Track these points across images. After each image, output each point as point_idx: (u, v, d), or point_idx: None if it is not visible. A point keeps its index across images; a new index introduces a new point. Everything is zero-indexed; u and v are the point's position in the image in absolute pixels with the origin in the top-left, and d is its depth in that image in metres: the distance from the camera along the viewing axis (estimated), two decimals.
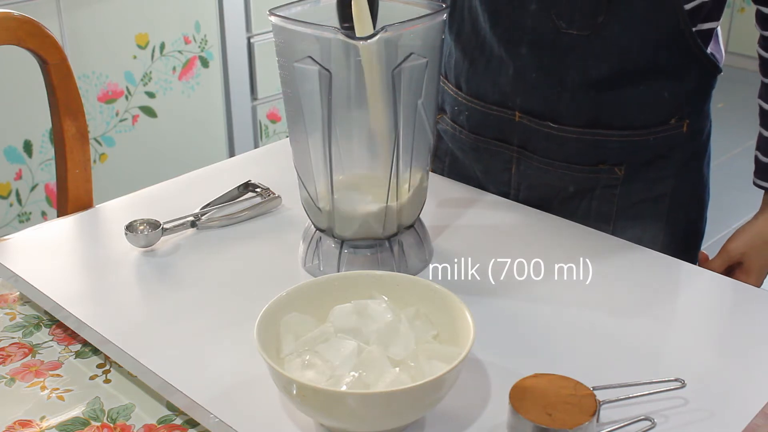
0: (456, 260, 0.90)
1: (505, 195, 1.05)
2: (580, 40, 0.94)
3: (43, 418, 0.73)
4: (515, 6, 0.96)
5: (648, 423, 0.67)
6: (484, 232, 0.96)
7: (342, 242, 0.86)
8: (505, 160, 1.05)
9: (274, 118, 2.96)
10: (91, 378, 0.78)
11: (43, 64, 1.17)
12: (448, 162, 1.14)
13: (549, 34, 0.95)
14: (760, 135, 1.02)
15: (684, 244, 1.06)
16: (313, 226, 0.89)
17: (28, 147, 2.38)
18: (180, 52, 2.64)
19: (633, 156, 1.00)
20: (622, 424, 0.67)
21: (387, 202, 0.84)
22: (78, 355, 0.81)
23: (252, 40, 2.80)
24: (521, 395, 0.66)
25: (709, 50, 0.97)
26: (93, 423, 0.72)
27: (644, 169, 1.00)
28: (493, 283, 0.86)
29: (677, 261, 0.90)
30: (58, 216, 1.07)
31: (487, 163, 1.08)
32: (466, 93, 1.06)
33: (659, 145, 0.99)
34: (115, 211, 1.01)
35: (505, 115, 1.02)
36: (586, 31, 0.93)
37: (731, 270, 1.01)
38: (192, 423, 0.72)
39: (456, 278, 0.87)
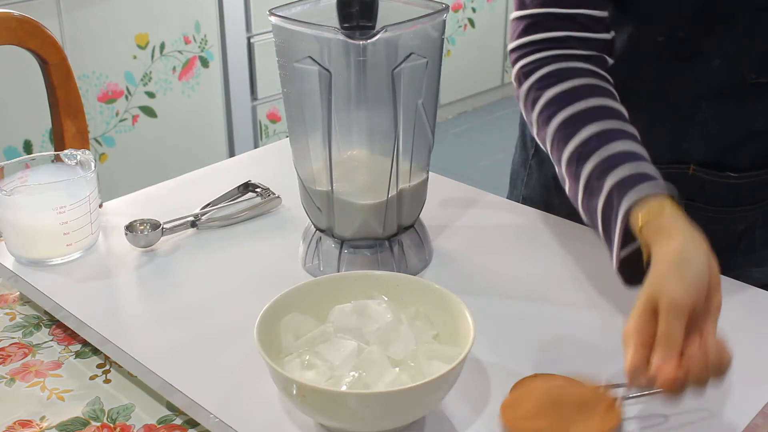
0: (456, 260, 0.90)
1: None
2: None
3: (43, 418, 0.73)
4: (695, 64, 0.91)
5: None
6: (484, 232, 0.96)
7: (342, 242, 0.86)
8: None
9: (274, 118, 2.96)
10: (91, 378, 0.78)
11: (43, 64, 1.17)
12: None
13: (734, 86, 0.90)
14: None
15: None
16: (313, 226, 0.89)
17: (28, 147, 2.38)
18: (180, 52, 2.64)
19: None
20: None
21: (387, 202, 0.84)
22: (78, 355, 0.81)
23: (252, 40, 2.80)
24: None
25: None
26: (93, 423, 0.72)
27: None
28: (493, 283, 0.86)
29: None
30: None
31: None
32: None
33: None
34: (115, 211, 1.01)
35: (676, 171, 0.96)
36: None
37: None
38: (192, 423, 0.72)
39: (456, 278, 0.87)
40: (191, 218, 0.96)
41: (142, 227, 0.92)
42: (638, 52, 0.92)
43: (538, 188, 1.12)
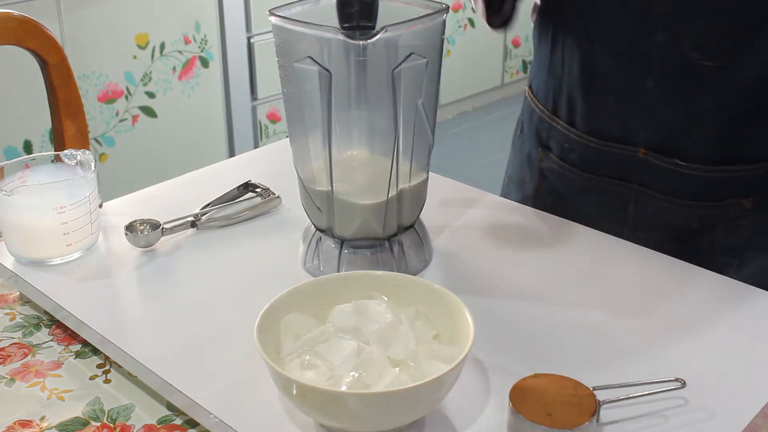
0: (456, 260, 0.90)
1: (619, 235, 0.97)
2: (713, 71, 0.89)
3: (43, 418, 0.73)
4: (641, 37, 0.92)
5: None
6: (484, 232, 0.96)
7: (342, 242, 0.86)
8: (622, 200, 1.01)
9: (274, 118, 2.96)
10: (91, 378, 0.78)
11: (43, 64, 1.17)
12: (552, 201, 1.08)
13: (678, 66, 0.91)
14: None
15: None
16: (313, 226, 0.89)
17: (28, 147, 2.38)
18: (180, 52, 2.64)
19: (763, 186, 0.95)
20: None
21: (387, 202, 0.84)
22: (78, 355, 0.81)
23: (252, 40, 2.80)
24: (521, 395, 0.66)
25: None
26: (93, 423, 0.72)
27: None
28: (493, 283, 0.86)
29: (676, 260, 0.90)
30: None
31: (601, 203, 1.03)
32: (581, 130, 1.01)
33: None
34: (115, 211, 1.01)
35: (627, 152, 0.98)
36: (719, 62, 0.89)
37: None
38: (192, 423, 0.72)
39: (456, 278, 0.87)
40: (191, 218, 0.96)
41: (142, 227, 0.92)
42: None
43: (517, 166, 1.15)
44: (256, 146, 2.91)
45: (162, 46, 2.59)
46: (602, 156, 1.00)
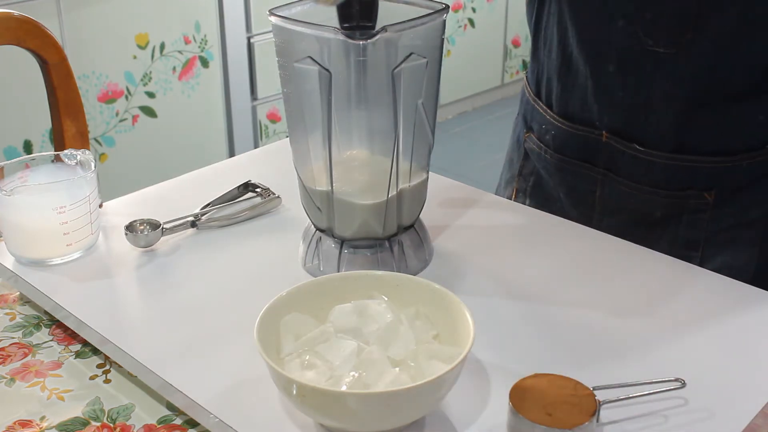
0: (456, 260, 0.90)
1: (588, 220, 1.00)
2: (667, 58, 0.91)
3: (43, 418, 0.73)
4: (602, 22, 0.94)
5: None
6: (484, 232, 0.96)
7: (342, 242, 0.86)
8: (590, 183, 1.03)
9: (274, 118, 2.96)
10: (91, 378, 0.78)
11: (43, 64, 1.17)
12: (533, 182, 1.11)
13: (635, 52, 0.92)
14: None
15: None
16: (313, 226, 0.89)
17: (28, 147, 2.39)
18: (180, 52, 2.65)
19: (724, 181, 0.95)
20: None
21: (387, 202, 0.84)
22: (78, 355, 0.81)
23: (252, 40, 2.80)
24: (521, 395, 0.66)
25: None
26: (93, 423, 0.72)
27: (736, 194, 0.96)
28: (493, 283, 0.86)
29: (677, 260, 0.90)
30: None
31: (570, 185, 1.05)
32: (555, 112, 1.04)
33: (753, 171, 0.95)
34: (115, 211, 1.01)
35: (592, 135, 1.00)
36: (672, 49, 0.90)
37: None
38: (192, 423, 0.72)
39: (456, 278, 0.87)
40: (191, 218, 0.96)
41: (142, 227, 0.92)
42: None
43: (510, 147, 1.18)
44: (256, 146, 2.91)
45: (162, 46, 2.59)
46: (571, 138, 1.03)
